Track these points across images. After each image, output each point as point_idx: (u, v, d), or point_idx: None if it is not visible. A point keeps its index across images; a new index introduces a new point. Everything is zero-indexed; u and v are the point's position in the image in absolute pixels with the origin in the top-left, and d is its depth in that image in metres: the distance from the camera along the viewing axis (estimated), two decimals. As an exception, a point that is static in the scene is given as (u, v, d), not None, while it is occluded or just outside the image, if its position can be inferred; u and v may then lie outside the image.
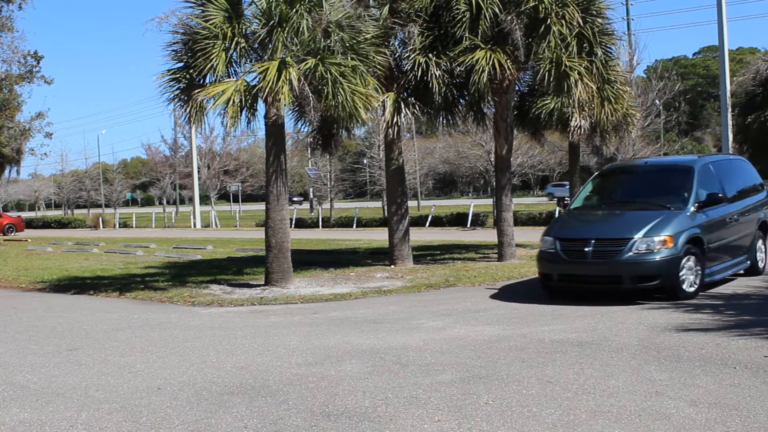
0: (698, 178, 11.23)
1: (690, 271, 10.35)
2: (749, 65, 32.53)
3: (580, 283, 10.68)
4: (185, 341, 8.82)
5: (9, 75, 32.59)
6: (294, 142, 49.78)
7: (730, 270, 11.61)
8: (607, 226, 11.04)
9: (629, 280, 10.16)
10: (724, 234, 11.34)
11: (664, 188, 11.64)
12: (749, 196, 12.49)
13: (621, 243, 10.24)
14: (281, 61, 12.25)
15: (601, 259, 10.29)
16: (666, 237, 10.17)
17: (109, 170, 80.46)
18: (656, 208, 10.92)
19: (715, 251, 11.03)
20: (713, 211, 11.07)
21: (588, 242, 10.41)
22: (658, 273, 10.08)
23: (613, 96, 16.78)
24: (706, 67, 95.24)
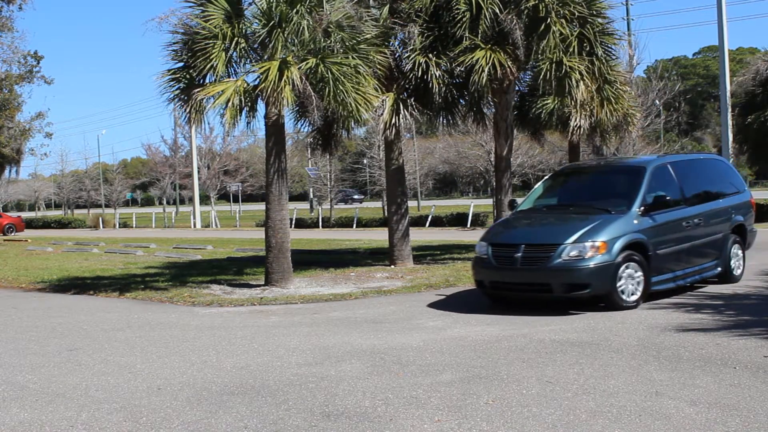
0: (649, 179, 10.53)
1: (630, 279, 9.68)
2: (749, 65, 32.52)
3: (511, 291, 10.20)
4: (185, 341, 8.82)
5: (9, 75, 32.60)
6: (294, 142, 49.76)
7: (691, 278, 10.85)
8: (540, 231, 10.50)
9: (559, 288, 9.58)
10: (682, 239, 10.61)
11: (613, 190, 11.08)
12: (721, 198, 11.77)
13: (550, 249, 9.64)
14: (282, 60, 12.25)
15: (531, 265, 9.71)
16: (599, 242, 9.53)
17: (109, 170, 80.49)
18: (597, 211, 10.29)
19: (668, 258, 10.29)
20: (664, 214, 10.36)
21: (518, 248, 9.87)
22: (589, 281, 9.44)
23: (613, 96, 16.77)
24: (706, 67, 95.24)
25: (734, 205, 11.98)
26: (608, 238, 9.60)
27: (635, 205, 10.14)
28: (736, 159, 31.21)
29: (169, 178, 65.41)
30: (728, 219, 11.73)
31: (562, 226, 10.24)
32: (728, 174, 12.61)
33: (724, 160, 13.19)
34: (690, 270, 10.81)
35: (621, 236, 9.70)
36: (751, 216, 12.57)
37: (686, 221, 10.73)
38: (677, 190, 10.95)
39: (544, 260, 9.63)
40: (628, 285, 9.69)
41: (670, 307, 9.81)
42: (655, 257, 10.03)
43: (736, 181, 12.59)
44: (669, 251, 10.35)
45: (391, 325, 9.31)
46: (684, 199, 10.95)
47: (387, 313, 10.28)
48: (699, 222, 10.95)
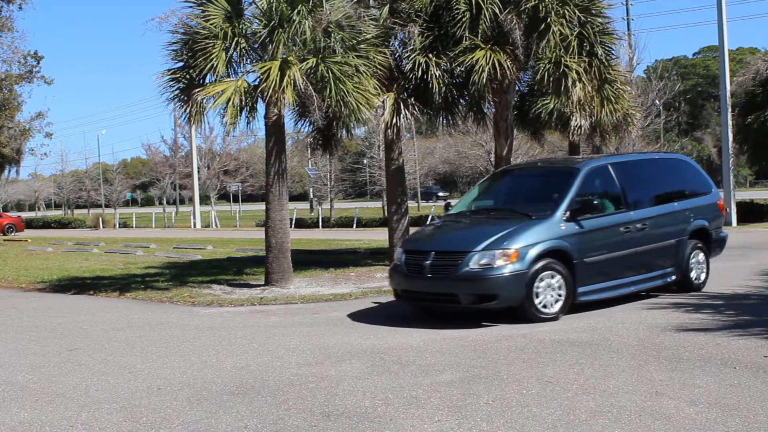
0: (581, 183, 9.86)
1: (549, 290, 9.08)
2: (749, 65, 32.54)
3: (420, 300, 9.74)
4: (185, 341, 8.82)
5: (9, 75, 32.61)
6: (294, 142, 49.79)
7: (635, 287, 10.17)
8: (453, 238, 9.98)
9: (466, 299, 9.04)
10: (619, 246, 9.91)
11: (544, 194, 10.40)
12: (676, 201, 11.03)
13: (459, 257, 9.08)
14: (283, 60, 12.26)
15: (438, 274, 9.17)
16: (510, 250, 8.93)
17: (109, 170, 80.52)
18: (517, 216, 9.77)
19: (600, 266, 9.67)
20: (595, 219, 9.71)
21: (428, 255, 9.34)
22: (497, 291, 8.88)
23: (613, 96, 16.77)
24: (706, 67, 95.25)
25: (694, 208, 11.20)
26: (521, 246, 8.99)
27: (560, 210, 9.47)
28: (736, 159, 31.21)
29: (169, 178, 65.42)
30: (685, 223, 10.95)
31: (476, 232, 9.67)
32: (690, 175, 11.81)
33: (687, 160, 12.39)
34: (633, 279, 10.11)
35: (537, 243, 9.08)
36: (717, 219, 11.73)
37: (625, 226, 10.01)
38: (618, 193, 10.29)
39: (451, 269, 9.07)
40: (547, 296, 9.08)
41: (670, 307, 9.80)
42: (582, 266, 9.39)
43: (700, 182, 11.79)
44: (601, 259, 9.68)
45: (391, 325, 9.30)
46: (626, 203, 10.25)
47: (386, 313, 10.27)
48: (643, 227, 10.21)
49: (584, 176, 10.00)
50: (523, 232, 9.18)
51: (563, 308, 9.20)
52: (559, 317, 9.14)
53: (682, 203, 11.11)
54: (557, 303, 9.17)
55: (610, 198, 10.27)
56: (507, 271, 8.89)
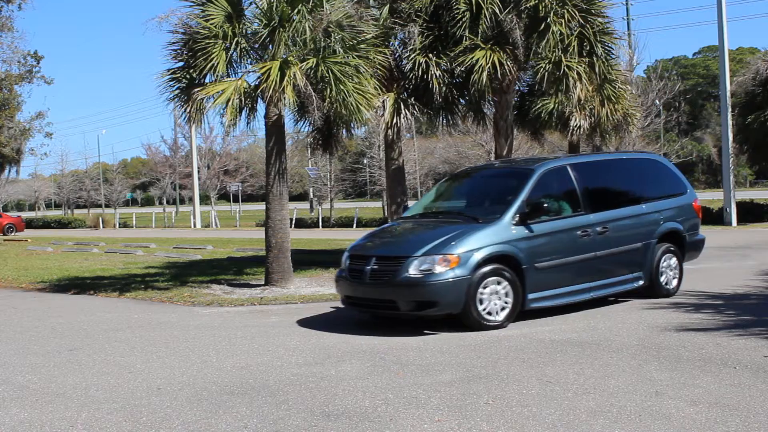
0: (533, 185, 9.46)
1: (495, 297, 8.73)
2: (749, 65, 32.54)
3: (362, 306, 9.42)
4: (185, 341, 8.82)
5: (9, 75, 32.62)
6: (294, 142, 49.79)
7: (594, 292, 9.73)
8: (396, 242, 9.69)
9: (406, 305, 8.70)
10: (576, 250, 9.51)
11: (496, 196, 10.10)
12: (644, 203, 10.56)
13: (399, 262, 8.76)
14: (284, 60, 12.26)
15: (378, 280, 8.87)
16: (450, 255, 8.58)
17: (109, 170, 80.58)
18: (464, 220, 9.46)
19: (554, 272, 9.29)
20: (548, 223, 9.33)
21: (369, 260, 9.06)
22: (437, 298, 8.53)
23: (613, 95, 16.78)
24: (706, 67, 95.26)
25: (665, 210, 10.70)
26: (464, 251, 8.63)
27: (509, 213, 9.11)
28: (736, 159, 31.22)
29: (169, 178, 65.47)
30: (654, 226, 10.48)
31: (420, 236, 9.35)
32: (662, 175, 11.27)
33: (660, 160, 11.77)
34: (592, 284, 9.69)
35: (482, 248, 8.72)
36: (692, 221, 11.17)
37: (583, 230, 9.58)
38: (576, 195, 9.85)
39: (391, 274, 8.76)
40: (492, 302, 8.72)
41: (670, 307, 9.81)
42: (532, 272, 9.02)
43: (673, 183, 11.24)
44: (554, 264, 9.30)
45: (391, 325, 9.30)
46: (585, 206, 9.80)
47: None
48: (604, 230, 9.78)
49: (538, 178, 9.59)
50: (467, 237, 8.81)
51: (510, 315, 8.84)
52: (506, 325, 8.76)
53: (651, 205, 10.61)
54: (504, 310, 8.79)
55: (568, 200, 9.86)
56: (447, 277, 8.52)
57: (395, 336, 8.58)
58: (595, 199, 9.99)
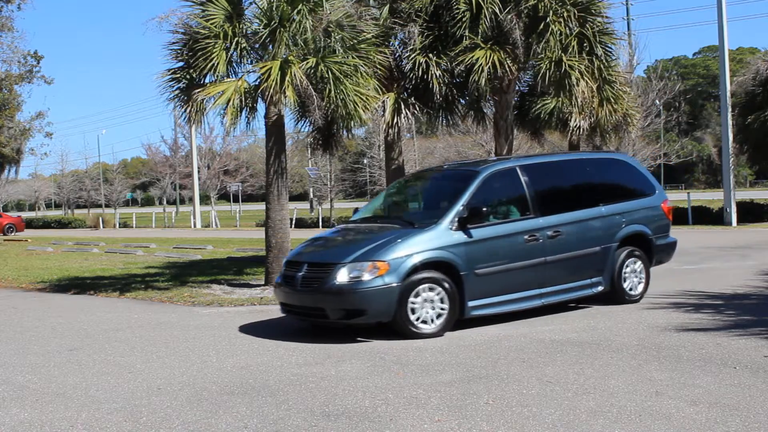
0: (477, 188, 9.14)
1: (429, 304, 8.43)
2: (749, 65, 32.53)
3: (295, 314, 9.18)
4: (185, 341, 8.81)
5: (9, 75, 32.63)
6: (294, 142, 49.82)
7: (547, 299, 9.39)
8: (328, 248, 9.42)
9: (334, 314, 8.47)
10: (524, 255, 9.15)
11: (440, 200, 9.72)
12: (603, 205, 10.07)
13: (328, 269, 8.53)
14: (284, 60, 12.25)
15: (308, 287, 8.64)
16: (379, 262, 8.31)
17: (109, 170, 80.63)
18: (400, 225, 9.17)
19: (497, 278, 8.95)
20: (489, 228, 8.99)
21: (301, 267, 8.88)
22: (365, 306, 8.28)
23: (612, 96, 16.78)
24: (706, 67, 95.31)
25: (629, 212, 10.28)
26: (394, 257, 8.35)
27: (447, 218, 8.78)
28: (736, 159, 31.23)
29: (169, 178, 65.53)
30: (615, 228, 10.07)
31: (353, 242, 9.09)
32: (628, 176, 10.85)
33: (625, 160, 11.33)
34: (543, 291, 9.35)
35: (414, 254, 8.42)
36: (660, 224, 10.75)
37: (530, 234, 9.23)
38: (524, 198, 9.47)
39: (320, 281, 8.52)
40: (426, 311, 8.43)
41: (670, 307, 9.81)
42: (471, 278, 8.70)
43: (639, 184, 10.82)
44: (497, 270, 8.94)
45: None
46: (535, 209, 9.42)
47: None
48: (556, 234, 9.41)
49: (482, 181, 9.24)
50: (399, 243, 8.52)
51: (447, 324, 8.53)
52: (442, 334, 8.46)
53: (612, 207, 10.16)
54: (439, 318, 8.49)
55: (516, 204, 9.53)
56: (376, 284, 8.23)
57: (395, 336, 8.57)
58: (546, 201, 9.62)
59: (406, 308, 8.35)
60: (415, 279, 8.41)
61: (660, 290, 11.22)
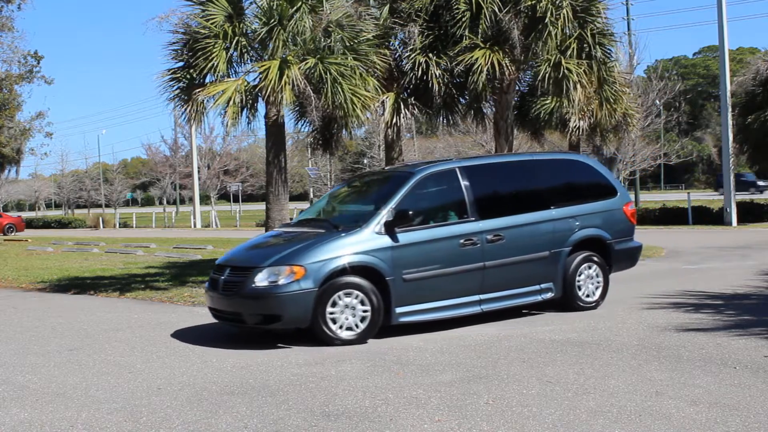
0: (410, 190, 8.84)
1: (349, 310, 8.21)
2: (749, 65, 32.52)
3: (221, 319, 8.97)
4: (185, 341, 8.81)
5: (9, 75, 32.64)
6: (294, 142, 49.85)
7: (488, 305, 9.07)
8: (252, 251, 9.24)
9: (251, 318, 8.35)
10: (459, 260, 8.83)
11: (370, 202, 9.47)
12: (554, 208, 9.67)
13: (247, 273, 8.39)
14: (282, 60, 12.25)
15: (229, 291, 8.51)
16: (295, 267, 8.13)
17: (109, 170, 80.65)
18: (326, 228, 8.97)
19: (428, 284, 8.65)
20: (421, 232, 8.70)
21: (224, 270, 8.78)
22: (279, 311, 8.13)
23: (612, 97, 16.79)
24: (706, 67, 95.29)
25: (584, 215, 9.84)
26: (312, 262, 8.15)
27: (373, 222, 8.52)
28: (736, 159, 31.23)
29: (169, 178, 65.55)
30: (567, 232, 9.66)
31: (277, 246, 8.94)
32: (585, 178, 10.40)
33: (583, 161, 10.78)
34: (481, 297, 9.03)
35: (334, 259, 8.21)
36: (621, 227, 10.26)
37: (467, 238, 8.88)
38: (463, 201, 9.12)
39: (239, 285, 8.39)
40: (346, 316, 8.22)
41: (670, 307, 9.81)
42: (399, 284, 8.43)
43: (598, 186, 10.33)
44: (428, 275, 8.64)
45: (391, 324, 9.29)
46: (475, 212, 9.07)
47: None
48: (497, 238, 9.05)
49: (415, 183, 8.95)
50: (320, 247, 8.35)
51: (369, 330, 8.27)
52: (365, 341, 8.23)
53: (564, 210, 9.72)
54: (361, 325, 8.26)
55: (454, 206, 9.21)
56: (292, 289, 8.05)
57: (395, 336, 8.57)
58: (488, 204, 9.30)
59: (325, 314, 8.14)
60: (334, 284, 8.19)
61: (660, 290, 11.23)
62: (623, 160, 33.73)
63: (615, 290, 11.58)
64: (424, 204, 9.06)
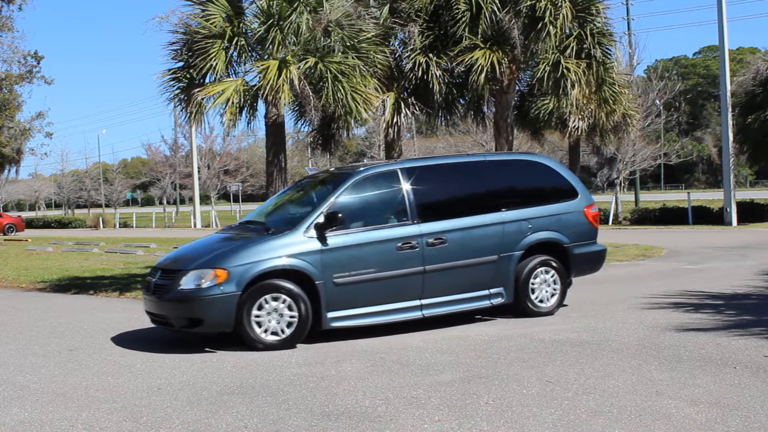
0: (345, 192, 8.67)
1: (275, 315, 8.05)
2: (749, 65, 32.56)
3: (155, 322, 8.83)
4: (185, 341, 8.80)
5: (9, 75, 32.62)
6: (294, 142, 49.83)
7: (430, 310, 8.80)
8: (182, 254, 9.17)
9: (177, 322, 8.27)
10: (396, 264, 8.58)
11: (306, 204, 9.31)
12: (508, 210, 9.33)
13: (174, 275, 8.30)
14: (282, 60, 12.25)
15: (157, 294, 8.43)
16: (218, 270, 8.02)
17: (109, 170, 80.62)
18: (257, 231, 8.92)
19: (362, 288, 8.44)
20: (355, 235, 8.52)
21: (156, 272, 8.71)
22: (202, 315, 8.03)
23: (611, 97, 16.77)
24: (706, 67, 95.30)
25: (537, 218, 9.49)
26: (235, 265, 8.03)
27: (304, 224, 8.37)
28: (736, 159, 31.25)
29: (169, 178, 65.52)
30: (518, 235, 9.33)
31: (207, 248, 8.81)
32: (542, 179, 10.05)
33: (541, 161, 10.37)
34: (423, 302, 8.78)
35: (260, 262, 8.08)
36: (580, 230, 9.87)
37: (405, 242, 8.63)
38: (403, 203, 8.87)
39: (167, 288, 8.30)
40: (272, 321, 8.07)
41: (670, 307, 9.81)
42: (330, 288, 8.27)
43: (557, 187, 9.98)
44: (363, 280, 8.45)
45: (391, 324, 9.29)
46: (415, 215, 8.80)
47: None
48: (438, 242, 8.79)
49: (351, 185, 8.76)
50: (245, 250, 8.26)
51: (296, 336, 8.12)
52: (293, 345, 8.11)
53: (516, 213, 9.38)
54: (288, 329, 8.10)
55: (393, 209, 8.98)
56: (214, 292, 7.94)
57: (395, 336, 8.57)
58: (430, 207, 9.05)
59: (250, 318, 8.00)
60: (260, 287, 8.05)
61: (660, 290, 11.23)
62: (623, 160, 33.73)
63: (615, 290, 11.60)
64: (360, 206, 8.87)
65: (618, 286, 12.06)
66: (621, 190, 40.33)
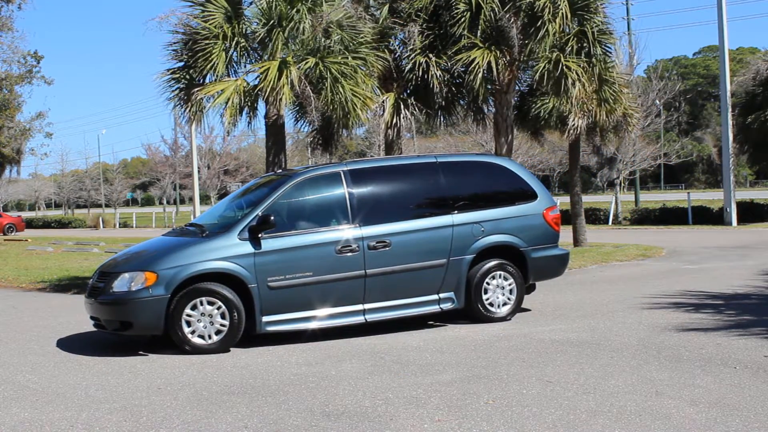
0: (283, 194, 8.59)
1: (207, 319, 7.99)
2: (749, 65, 32.57)
3: (96, 326, 8.67)
4: (185, 341, 8.80)
5: (9, 75, 32.61)
6: (294, 142, 49.79)
7: (372, 315, 8.64)
8: (120, 256, 9.08)
9: (109, 324, 8.22)
10: (335, 267, 8.42)
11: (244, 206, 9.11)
12: (459, 213, 9.08)
13: (108, 278, 8.28)
14: (282, 60, 12.25)
15: (93, 296, 8.38)
16: (147, 273, 7.96)
17: (109, 170, 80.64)
18: (192, 234, 8.81)
19: (298, 292, 8.30)
20: (291, 238, 8.36)
21: (94, 274, 8.72)
22: (131, 318, 7.98)
23: (611, 97, 16.79)
24: (706, 67, 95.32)
25: (492, 221, 9.21)
26: (165, 268, 7.96)
27: (238, 227, 8.28)
28: (736, 159, 31.26)
29: (169, 178, 65.49)
30: (468, 239, 9.06)
31: (143, 250, 8.86)
32: (498, 181, 9.74)
33: (499, 162, 10.12)
34: (366, 306, 8.62)
35: (190, 265, 7.99)
36: (539, 234, 9.52)
37: (344, 245, 8.47)
38: (344, 205, 8.70)
39: (100, 290, 8.26)
40: (203, 325, 8.00)
41: (670, 307, 9.81)
42: (264, 292, 8.16)
43: (515, 189, 9.65)
44: (298, 283, 8.30)
45: (391, 324, 9.29)
46: (356, 217, 8.64)
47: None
48: (381, 245, 8.60)
49: (291, 188, 8.65)
50: (176, 253, 8.17)
51: (228, 340, 8.04)
52: (226, 349, 8.04)
53: (466, 215, 9.12)
54: (219, 334, 8.03)
55: (333, 211, 8.78)
56: (143, 296, 7.89)
57: (395, 336, 8.58)
58: (373, 209, 8.83)
59: (180, 322, 7.94)
60: (191, 291, 7.98)
61: (660, 290, 11.23)
62: (623, 160, 33.74)
63: (615, 290, 11.60)
64: (299, 209, 8.80)
65: (618, 286, 12.06)
66: (621, 190, 40.35)
